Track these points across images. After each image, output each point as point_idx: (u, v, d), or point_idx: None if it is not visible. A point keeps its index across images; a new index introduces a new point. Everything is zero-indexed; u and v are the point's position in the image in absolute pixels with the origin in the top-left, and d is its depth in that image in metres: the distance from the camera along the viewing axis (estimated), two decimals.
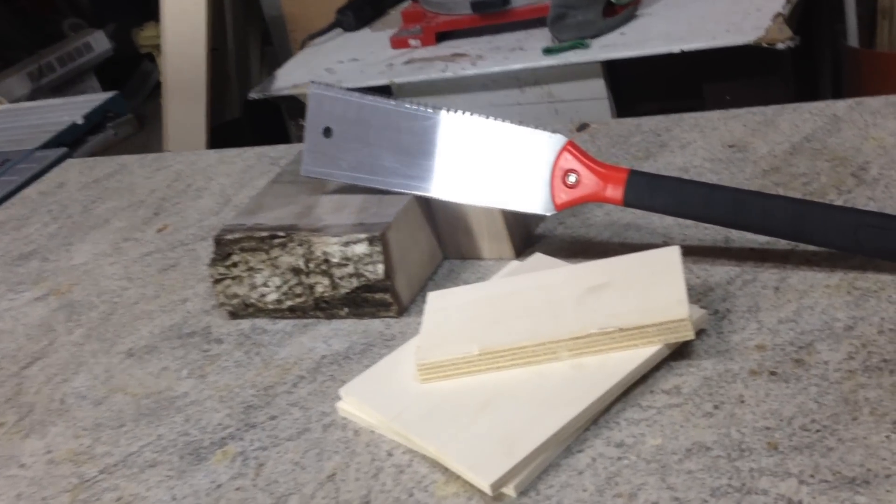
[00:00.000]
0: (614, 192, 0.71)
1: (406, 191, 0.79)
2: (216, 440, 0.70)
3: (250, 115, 2.71)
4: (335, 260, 0.77)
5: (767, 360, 0.60)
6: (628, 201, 0.70)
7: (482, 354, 0.64)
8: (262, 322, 0.83)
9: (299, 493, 0.62)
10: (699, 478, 0.53)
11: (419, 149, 0.78)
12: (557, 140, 0.73)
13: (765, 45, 1.42)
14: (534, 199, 0.74)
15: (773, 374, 0.59)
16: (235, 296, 0.83)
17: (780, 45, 1.43)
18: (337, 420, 0.68)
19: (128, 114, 1.78)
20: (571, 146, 0.72)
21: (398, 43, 1.78)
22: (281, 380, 0.74)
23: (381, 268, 0.75)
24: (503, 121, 0.75)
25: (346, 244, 0.76)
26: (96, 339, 0.88)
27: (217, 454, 0.68)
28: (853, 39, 2.08)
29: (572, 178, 0.72)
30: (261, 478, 0.64)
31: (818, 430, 0.54)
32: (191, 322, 0.86)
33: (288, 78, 1.83)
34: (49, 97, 3.14)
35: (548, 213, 0.74)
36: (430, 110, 0.77)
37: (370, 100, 0.79)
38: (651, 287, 0.64)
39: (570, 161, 0.72)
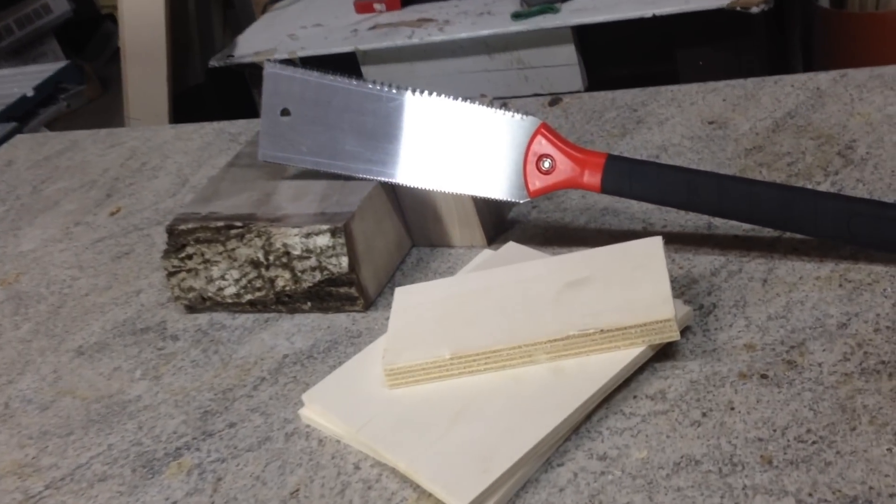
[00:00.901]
0: (591, 178, 0.66)
1: (370, 176, 0.74)
2: (171, 451, 0.65)
3: (214, 81, 2.63)
4: (296, 252, 0.72)
5: (757, 361, 0.57)
6: (606, 188, 0.66)
7: (454, 359, 0.59)
8: (220, 316, 0.78)
9: None
10: (689, 496, 0.50)
11: (383, 132, 0.73)
12: (530, 123, 0.68)
13: (739, 8, 1.38)
14: (506, 186, 0.70)
15: (763, 377, 0.56)
16: (191, 289, 0.78)
17: (755, 9, 1.38)
18: (300, 428, 0.63)
19: (82, 84, 1.70)
20: (545, 129, 0.68)
21: (363, 7, 1.72)
22: (240, 382, 0.70)
23: (345, 261, 0.70)
24: (473, 102, 0.70)
25: (308, 236, 0.71)
26: (44, 335, 0.83)
27: (171, 467, 0.64)
28: (824, 0, 2.04)
29: (547, 164, 0.68)
30: (218, 494, 0.60)
31: (814, 442, 0.51)
32: (145, 316, 0.81)
33: (249, 45, 1.76)
34: (7, 60, 3.03)
35: (521, 201, 0.69)
36: (394, 91, 0.72)
37: (330, 79, 0.74)
38: (633, 283, 0.60)
39: (544, 145, 0.68)
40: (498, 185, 0.70)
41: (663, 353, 0.59)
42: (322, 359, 0.69)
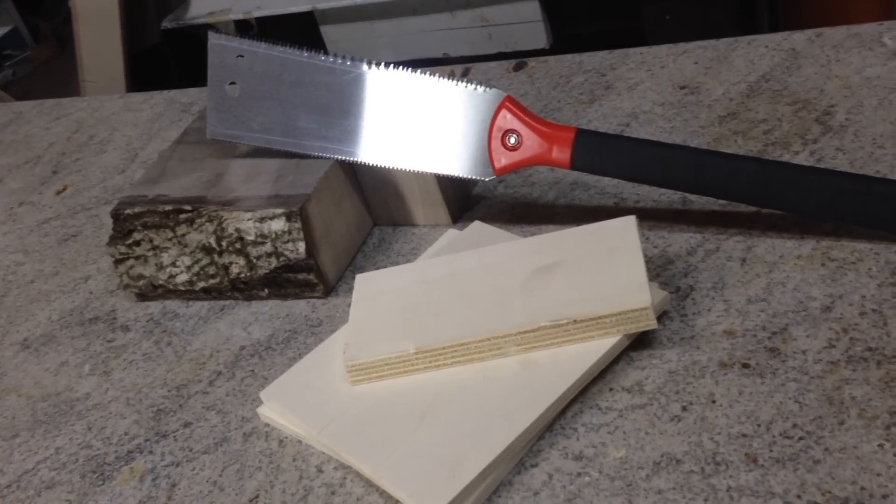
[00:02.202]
0: (560, 154, 0.63)
1: (326, 154, 0.70)
2: (122, 454, 0.61)
3: (171, 41, 2.55)
4: (250, 238, 0.68)
5: (738, 348, 0.54)
6: (576, 165, 0.63)
7: (419, 353, 0.56)
8: (173, 304, 0.74)
9: None
10: (671, 499, 0.47)
11: (339, 107, 0.68)
12: (494, 96, 0.64)
13: None
14: (470, 163, 0.66)
15: (745, 366, 0.53)
16: (141, 277, 0.73)
17: None
18: (259, 427, 0.60)
19: (26, 50, 1.63)
20: (510, 102, 0.64)
21: None
22: (195, 377, 0.66)
23: (302, 246, 0.67)
24: (434, 74, 0.66)
25: (262, 220, 0.67)
26: None
27: (123, 472, 0.60)
28: None
29: (513, 139, 0.64)
30: (173, 501, 0.57)
31: (801, 438, 0.48)
32: (94, 305, 0.77)
33: (204, 4, 1.69)
34: None
35: (486, 179, 0.66)
36: (349, 62, 0.68)
37: (280, 51, 0.69)
38: (606, 268, 0.57)
39: (509, 120, 0.64)
40: (461, 162, 0.66)
41: (639, 342, 0.56)
42: (281, 350, 0.66)
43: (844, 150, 0.67)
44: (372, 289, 0.62)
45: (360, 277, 0.64)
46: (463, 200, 0.73)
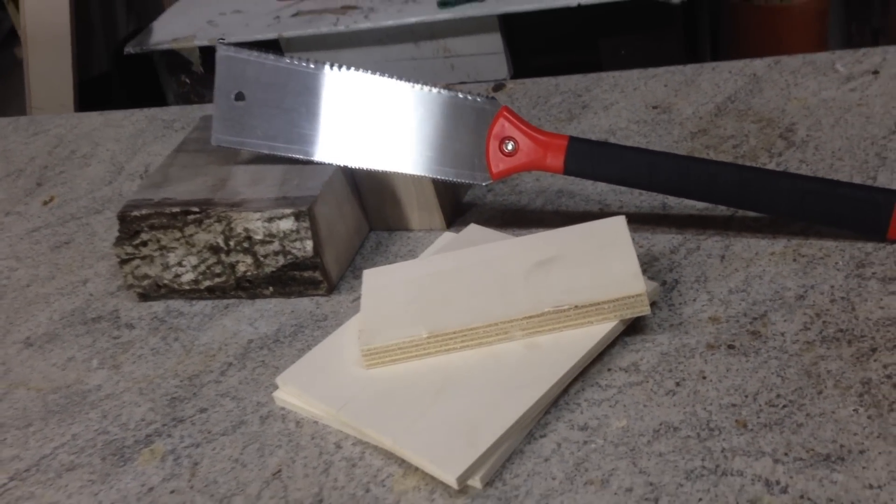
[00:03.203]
0: (554, 160, 0.68)
1: (330, 160, 0.74)
2: (140, 438, 0.64)
3: (121, 69, 2.56)
4: (258, 237, 0.72)
5: (723, 332, 0.60)
6: (569, 170, 0.68)
7: (431, 337, 0.60)
8: (176, 304, 0.77)
9: (243, 493, 0.58)
10: (671, 460, 0.52)
11: (344, 115, 0.73)
12: (492, 105, 0.69)
13: None
14: (468, 168, 0.71)
15: (730, 347, 0.58)
16: (146, 276, 0.76)
17: (675, 0, 1.43)
18: (275, 411, 0.63)
19: None
20: (507, 112, 0.69)
21: None
22: (206, 368, 0.69)
23: (309, 244, 0.71)
24: (433, 87, 0.71)
25: (270, 220, 0.71)
26: None
27: (144, 454, 0.63)
28: None
29: (510, 146, 0.69)
30: (197, 478, 0.60)
31: (785, 406, 0.54)
32: (95, 305, 0.80)
33: (166, 31, 1.72)
34: None
35: (483, 183, 0.71)
36: (354, 74, 0.72)
37: (286, 62, 0.74)
38: (602, 260, 0.62)
39: (506, 128, 0.69)
40: (460, 167, 0.71)
41: (633, 328, 0.62)
42: (289, 343, 0.69)
43: (807, 162, 0.73)
44: (380, 282, 0.66)
45: (367, 272, 0.68)
46: (455, 207, 0.78)
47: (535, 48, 1.57)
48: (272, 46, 1.63)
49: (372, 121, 0.72)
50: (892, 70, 0.82)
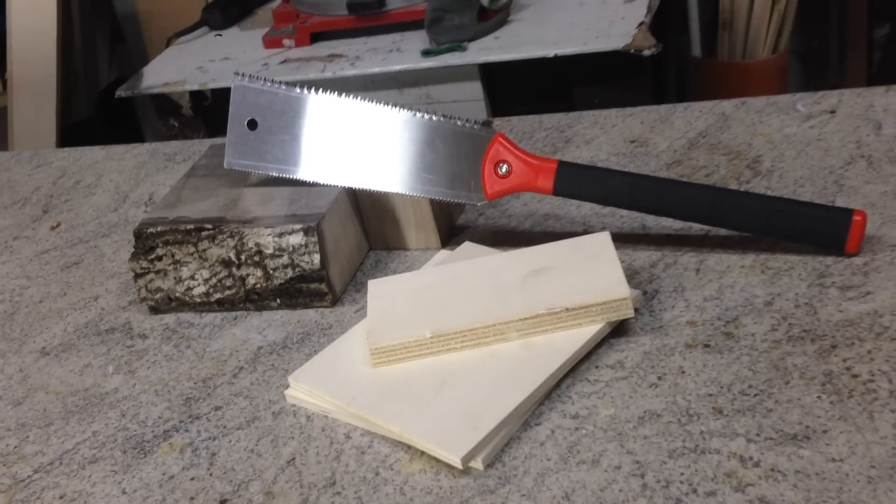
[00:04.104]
0: (545, 181, 0.75)
1: (336, 183, 0.80)
2: (159, 433, 0.69)
3: (102, 115, 2.61)
4: (269, 251, 0.77)
5: (700, 334, 0.66)
6: (558, 190, 0.74)
7: (434, 337, 0.66)
8: (186, 316, 0.82)
9: (259, 478, 0.62)
10: (655, 442, 0.58)
11: (350, 141, 0.79)
12: (488, 132, 0.76)
13: (633, 51, 1.51)
14: (465, 189, 0.77)
15: (706, 346, 0.64)
16: (159, 290, 0.81)
17: (646, 52, 1.51)
18: (286, 407, 0.68)
19: None
20: (502, 138, 0.76)
21: (271, 42, 1.78)
22: (219, 371, 0.74)
23: (317, 258, 0.76)
24: (434, 115, 0.77)
25: (281, 235, 0.76)
26: (2, 339, 0.84)
27: (163, 447, 0.67)
28: (696, 50, 2.23)
29: (504, 169, 0.75)
30: (215, 466, 0.64)
31: (756, 395, 0.60)
32: (107, 318, 0.84)
33: (157, 76, 1.78)
34: None
35: (479, 203, 0.77)
36: (360, 102, 0.79)
37: (296, 92, 0.80)
38: (589, 270, 0.68)
39: (501, 152, 0.75)
40: (458, 188, 0.77)
41: (617, 331, 0.67)
42: (297, 348, 0.74)
43: (772, 189, 0.80)
44: (384, 290, 0.72)
45: (371, 282, 0.73)
46: (450, 228, 0.84)
47: (513, 96, 1.65)
48: None
49: (376, 145, 0.78)
50: (847, 110, 0.90)
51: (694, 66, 2.25)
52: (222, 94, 1.73)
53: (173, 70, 1.80)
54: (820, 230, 0.70)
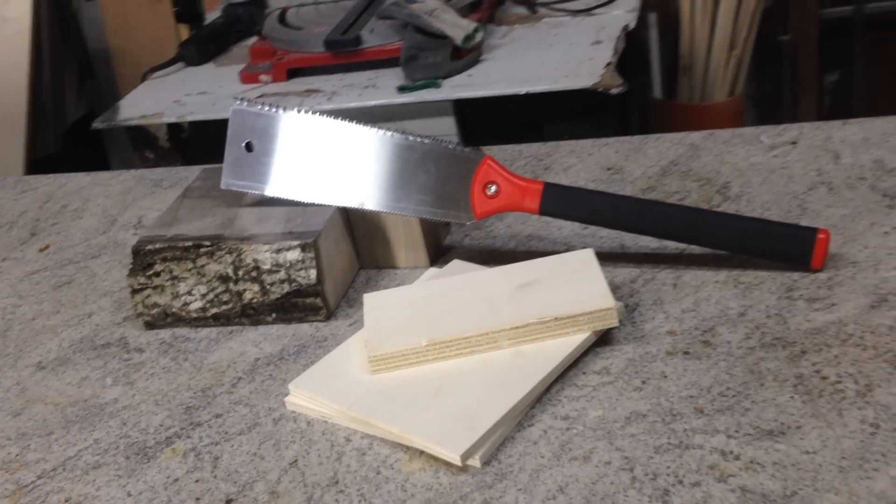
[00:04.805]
0: (531, 202, 0.79)
1: (331, 203, 0.83)
2: (161, 440, 0.71)
3: (69, 150, 2.63)
4: (266, 267, 0.80)
5: (679, 342, 0.70)
6: (544, 210, 0.79)
7: (430, 345, 0.69)
8: (182, 331, 0.84)
9: (263, 479, 0.65)
10: (642, 439, 0.62)
11: (344, 162, 0.83)
12: (477, 154, 0.80)
13: (601, 89, 1.57)
14: (455, 209, 0.81)
15: (686, 353, 0.69)
16: (156, 305, 0.84)
17: (614, 90, 1.58)
18: (286, 414, 0.71)
19: None
20: (491, 160, 0.80)
21: (248, 78, 1.81)
22: (218, 381, 0.77)
23: (313, 273, 0.79)
24: (426, 138, 0.81)
25: (278, 251, 0.80)
26: None
27: (166, 452, 0.70)
28: (657, 92, 2.31)
29: (493, 189, 0.80)
30: (219, 469, 0.67)
31: (734, 396, 0.64)
32: (102, 334, 0.87)
33: (134, 108, 1.81)
34: None
35: (468, 222, 0.81)
36: (355, 126, 0.83)
37: (294, 115, 0.84)
38: (575, 283, 0.72)
39: (490, 173, 0.80)
40: (448, 208, 0.81)
41: (602, 340, 0.71)
42: (294, 360, 0.77)
43: (741, 212, 0.85)
44: (379, 303, 0.75)
45: (367, 296, 0.77)
46: (437, 248, 0.88)
47: (485, 131, 1.70)
48: None
49: (372, 167, 0.82)
50: (808, 141, 0.96)
51: (655, 107, 2.33)
52: (200, 127, 1.77)
53: (150, 103, 1.83)
54: (788, 248, 0.75)
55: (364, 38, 1.76)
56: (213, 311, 0.83)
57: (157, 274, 0.83)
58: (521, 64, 1.70)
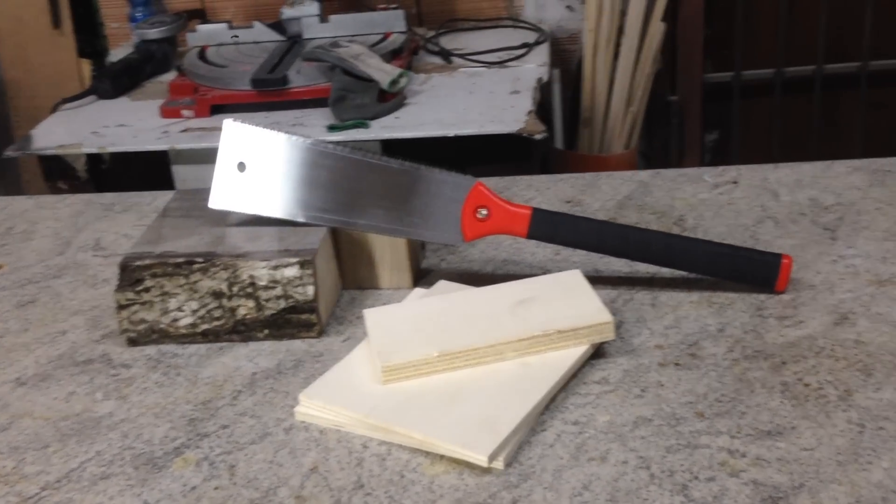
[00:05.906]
0: (520, 226, 0.84)
1: (322, 224, 0.86)
2: (169, 450, 0.71)
3: None
4: (262, 283, 0.82)
5: (669, 355, 0.76)
6: (532, 234, 0.83)
7: (441, 356, 0.73)
8: (168, 347, 0.84)
9: (286, 485, 0.66)
10: (652, 441, 0.66)
11: (337, 186, 0.86)
12: (468, 180, 0.84)
13: (526, 134, 1.64)
14: (445, 232, 0.85)
15: (677, 364, 0.74)
16: (143, 321, 0.84)
17: (537, 136, 1.66)
18: (296, 424, 0.73)
19: None
20: (482, 185, 0.84)
21: (169, 112, 1.80)
22: (217, 395, 0.77)
23: (311, 290, 0.81)
24: (418, 165, 0.85)
25: (276, 268, 0.81)
26: None
27: (177, 462, 0.70)
28: (559, 142, 2.42)
29: (483, 213, 0.84)
30: (237, 477, 0.68)
31: (729, 401, 0.70)
32: (82, 351, 0.85)
33: (48, 138, 1.77)
34: None
35: (458, 244, 0.85)
36: (348, 152, 0.86)
37: (286, 137, 0.86)
38: (570, 299, 0.77)
39: (481, 198, 0.84)
40: (439, 231, 0.85)
41: (596, 354, 0.76)
42: (292, 374, 0.79)
43: None
44: (381, 318, 0.78)
45: (367, 311, 0.79)
46: (417, 270, 0.91)
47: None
48: (160, 157, 1.72)
49: (364, 190, 0.85)
50: (747, 181, 1.05)
51: (556, 157, 2.43)
52: (120, 159, 1.75)
53: (65, 133, 1.79)
54: (755, 271, 0.82)
55: (291, 78, 1.78)
56: (204, 326, 0.83)
57: (147, 290, 0.83)
58: (444, 109, 1.76)
